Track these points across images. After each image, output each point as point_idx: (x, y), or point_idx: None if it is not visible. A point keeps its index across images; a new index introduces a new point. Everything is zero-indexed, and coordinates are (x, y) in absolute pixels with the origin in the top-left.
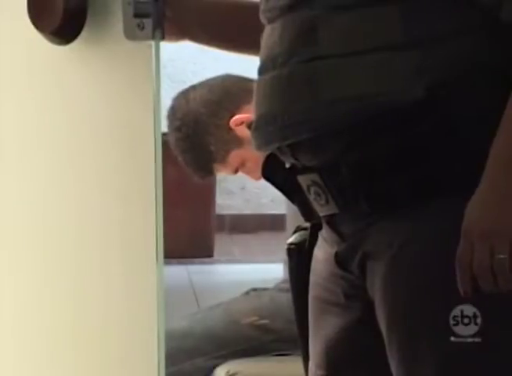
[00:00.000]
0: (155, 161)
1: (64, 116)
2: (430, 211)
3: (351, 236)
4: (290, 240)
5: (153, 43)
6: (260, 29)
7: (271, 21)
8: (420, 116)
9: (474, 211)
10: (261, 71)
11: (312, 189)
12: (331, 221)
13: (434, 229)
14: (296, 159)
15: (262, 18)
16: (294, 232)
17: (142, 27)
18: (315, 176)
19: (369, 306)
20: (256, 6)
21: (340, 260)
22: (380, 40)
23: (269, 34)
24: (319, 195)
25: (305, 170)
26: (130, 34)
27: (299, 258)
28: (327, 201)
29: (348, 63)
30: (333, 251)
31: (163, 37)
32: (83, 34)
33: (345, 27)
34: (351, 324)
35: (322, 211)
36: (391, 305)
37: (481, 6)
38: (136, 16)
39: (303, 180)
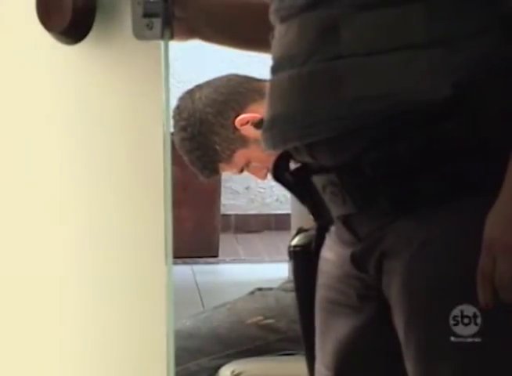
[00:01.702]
0: (164, 161)
1: (73, 116)
2: (451, 211)
3: (368, 236)
4: (294, 242)
5: (162, 43)
6: (270, 27)
7: (285, 20)
8: (445, 114)
9: (496, 224)
10: (275, 70)
11: (328, 189)
12: (347, 221)
13: (455, 230)
14: (313, 158)
15: (274, 17)
16: (296, 234)
17: (151, 27)
18: (332, 176)
19: (383, 307)
20: (266, 4)
21: (357, 260)
22: (403, 39)
23: (283, 33)
24: (335, 195)
25: (321, 170)
26: (139, 34)
27: (305, 259)
28: (344, 201)
29: (372, 61)
30: (347, 251)
31: (172, 37)
32: (92, 33)
33: (368, 25)
34: (363, 325)
35: (338, 211)
36: (409, 305)
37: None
38: (145, 15)
39: (318, 180)
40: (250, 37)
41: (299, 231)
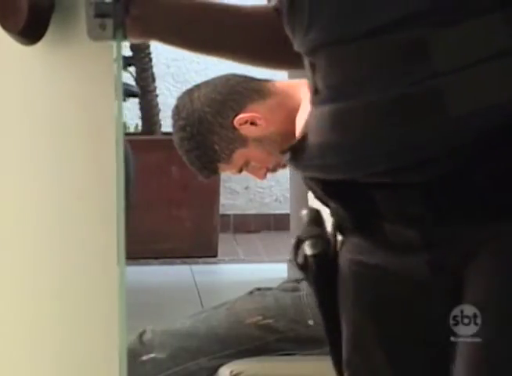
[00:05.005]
0: (116, 161)
1: (27, 115)
2: None
3: (449, 241)
4: (309, 252)
5: (114, 43)
6: (235, 29)
7: (336, 46)
8: None
9: None
10: (334, 98)
11: (400, 203)
12: (420, 227)
13: None
14: (393, 178)
15: (312, 45)
16: (298, 243)
17: (103, 27)
18: (414, 191)
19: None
20: (227, 8)
21: (437, 265)
22: (494, 47)
23: (337, 60)
24: (411, 207)
25: (394, 185)
26: (92, 34)
27: (324, 268)
28: (423, 217)
29: (470, 74)
30: (411, 257)
31: (125, 37)
32: (48, 34)
33: (457, 40)
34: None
35: (410, 223)
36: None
37: None
38: (97, 16)
39: (384, 194)
40: (207, 41)
41: (300, 240)
